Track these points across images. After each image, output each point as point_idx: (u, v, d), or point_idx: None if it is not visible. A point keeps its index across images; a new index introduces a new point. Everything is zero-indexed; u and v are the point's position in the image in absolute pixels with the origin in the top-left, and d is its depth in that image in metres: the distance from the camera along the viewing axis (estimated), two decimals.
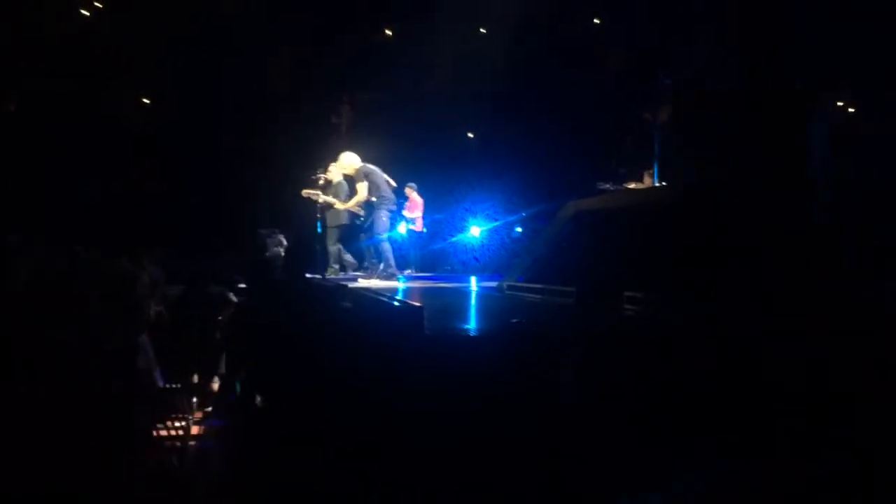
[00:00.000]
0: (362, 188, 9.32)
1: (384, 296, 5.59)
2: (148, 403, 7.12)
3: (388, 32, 16.45)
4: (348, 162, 9.51)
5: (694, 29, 11.53)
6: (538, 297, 6.60)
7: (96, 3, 14.96)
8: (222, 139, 15.13)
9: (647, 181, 10.27)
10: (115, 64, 14.80)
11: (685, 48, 11.25)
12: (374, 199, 9.36)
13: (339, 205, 9.69)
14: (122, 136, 15.14)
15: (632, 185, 10.36)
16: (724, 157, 7.74)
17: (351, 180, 9.72)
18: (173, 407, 8.04)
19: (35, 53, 14.09)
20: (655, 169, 8.16)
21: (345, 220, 9.85)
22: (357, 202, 9.44)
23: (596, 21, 16.49)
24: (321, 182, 10.07)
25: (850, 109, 14.64)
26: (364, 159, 9.72)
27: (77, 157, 14.38)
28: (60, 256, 9.12)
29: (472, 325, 4.92)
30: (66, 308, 6.81)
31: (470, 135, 18.40)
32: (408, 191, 12.66)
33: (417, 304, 4.37)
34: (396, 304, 4.82)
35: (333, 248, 9.84)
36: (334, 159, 10.25)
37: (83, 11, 14.71)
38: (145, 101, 16.23)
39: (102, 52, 14.59)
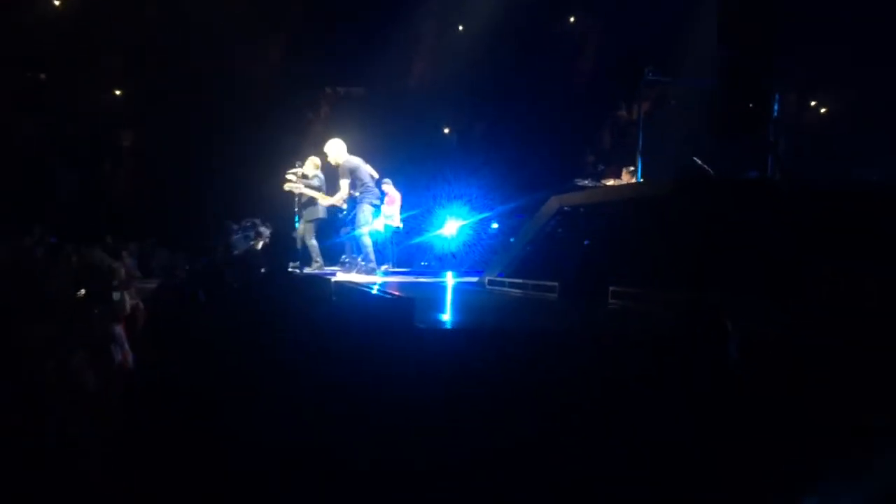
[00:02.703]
0: (345, 185, 9.25)
1: (373, 289, 5.56)
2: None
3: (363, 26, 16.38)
4: (335, 149, 9.40)
5: (674, 26, 11.62)
6: (520, 291, 6.61)
7: None
8: (202, 131, 14.96)
9: (626, 177, 10.32)
10: (91, 55, 14.57)
11: (666, 45, 11.33)
12: (357, 193, 9.29)
13: (322, 199, 9.66)
14: (101, 129, 14.93)
15: (610, 182, 10.41)
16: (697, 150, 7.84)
17: (332, 172, 9.69)
18: None
19: (7, 46, 13.84)
20: (639, 164, 8.19)
21: (321, 213, 9.83)
22: (341, 198, 9.39)
23: (573, 18, 16.56)
24: (299, 175, 10.03)
25: (822, 110, 14.93)
26: None
27: (55, 150, 14.16)
28: (36, 248, 8.98)
29: (459, 318, 4.91)
30: (42, 300, 6.70)
31: (446, 130, 18.40)
32: (385, 186, 12.60)
33: (408, 296, 4.35)
34: (387, 296, 4.79)
35: (313, 242, 9.80)
36: (312, 152, 10.23)
37: (56, 2, 14.45)
38: (119, 92, 16.00)
39: (78, 43, 14.37)
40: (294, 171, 10.07)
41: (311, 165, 10.16)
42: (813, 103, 14.42)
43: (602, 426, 3.53)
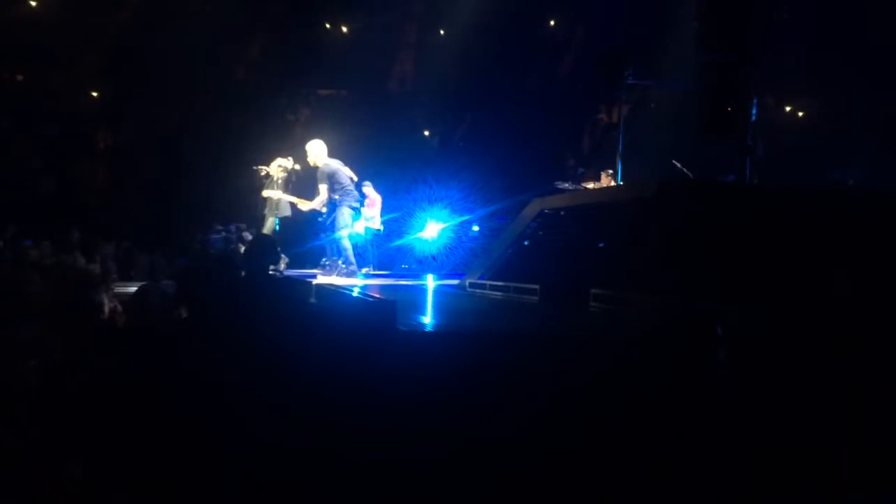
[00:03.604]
0: (324, 189, 9.21)
1: (353, 292, 5.53)
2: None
3: (345, 29, 16.37)
4: (315, 151, 9.35)
5: (654, 30, 11.69)
6: (501, 294, 6.60)
7: None
8: (182, 134, 14.86)
9: (605, 180, 10.37)
10: (66, 57, 14.43)
11: (645, 48, 11.39)
12: (336, 196, 9.25)
13: (302, 204, 9.66)
14: (79, 129, 14.78)
15: (590, 185, 10.45)
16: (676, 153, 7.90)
17: (308, 173, 9.72)
18: None
19: None
20: (619, 167, 8.23)
21: (287, 211, 9.90)
22: (320, 202, 9.36)
23: (554, 22, 16.65)
24: (262, 174, 10.10)
25: (800, 114, 15.08)
26: None
27: (27, 152, 14.01)
28: (8, 251, 8.86)
29: (441, 321, 4.90)
30: (15, 304, 6.60)
31: (427, 133, 18.41)
32: (365, 188, 12.56)
33: (390, 299, 4.33)
34: (368, 299, 4.77)
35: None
36: (293, 155, 10.23)
37: (31, 2, 14.29)
38: (97, 94, 15.84)
39: (56, 43, 14.21)
40: (259, 167, 10.13)
41: (275, 167, 10.17)
42: (788, 108, 14.56)
43: (583, 427, 3.53)
